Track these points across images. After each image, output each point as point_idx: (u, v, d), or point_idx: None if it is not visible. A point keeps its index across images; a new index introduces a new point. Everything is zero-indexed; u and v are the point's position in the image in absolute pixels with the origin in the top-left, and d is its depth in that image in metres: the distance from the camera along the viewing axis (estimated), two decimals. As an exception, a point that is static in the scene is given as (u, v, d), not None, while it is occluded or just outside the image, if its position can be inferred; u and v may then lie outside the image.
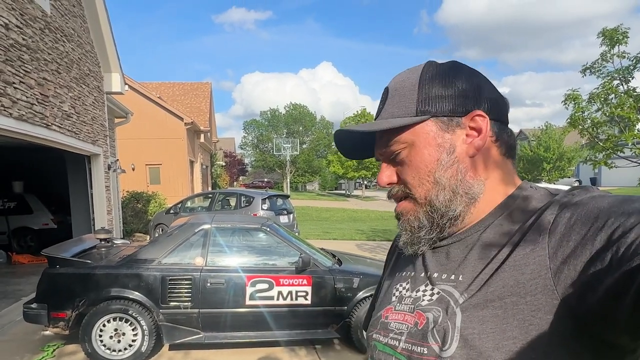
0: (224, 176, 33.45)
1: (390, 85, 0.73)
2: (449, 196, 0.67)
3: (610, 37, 6.96)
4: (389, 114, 0.71)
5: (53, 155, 7.74)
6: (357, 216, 21.96)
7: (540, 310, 0.54)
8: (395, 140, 0.69)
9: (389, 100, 0.72)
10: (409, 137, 0.69)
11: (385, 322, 0.72)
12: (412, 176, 0.69)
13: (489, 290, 0.59)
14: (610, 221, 0.52)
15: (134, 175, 17.40)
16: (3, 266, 8.46)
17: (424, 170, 0.68)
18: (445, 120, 0.68)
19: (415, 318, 0.66)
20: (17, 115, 4.93)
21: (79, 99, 7.07)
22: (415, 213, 0.70)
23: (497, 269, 0.60)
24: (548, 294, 0.54)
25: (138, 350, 3.93)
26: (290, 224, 10.31)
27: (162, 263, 4.12)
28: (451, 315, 0.61)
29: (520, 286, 0.56)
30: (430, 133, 0.68)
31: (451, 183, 0.67)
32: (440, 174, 0.67)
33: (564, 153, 27.28)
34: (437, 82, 0.69)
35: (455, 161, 0.67)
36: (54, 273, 3.99)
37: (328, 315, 4.26)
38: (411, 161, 0.69)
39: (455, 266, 0.66)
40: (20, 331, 4.72)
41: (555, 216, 0.59)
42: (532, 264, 0.57)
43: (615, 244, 0.49)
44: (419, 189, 0.69)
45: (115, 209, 9.16)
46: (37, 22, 5.51)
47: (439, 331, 0.61)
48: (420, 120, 0.68)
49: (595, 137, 7.68)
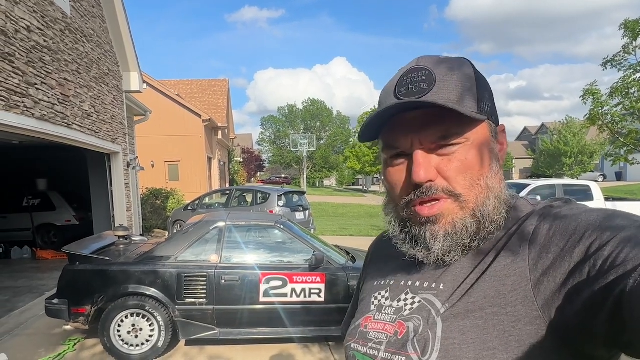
0: (241, 172, 33.75)
1: (430, 66, 0.64)
2: (496, 203, 0.64)
3: (633, 29, 6.74)
4: (446, 99, 0.61)
5: (74, 153, 7.93)
6: (374, 212, 21.87)
7: (520, 321, 0.54)
8: (458, 132, 0.62)
9: (439, 83, 0.62)
10: (471, 132, 0.62)
11: (364, 332, 0.70)
12: (464, 176, 0.62)
13: (470, 300, 0.59)
14: (587, 234, 0.53)
15: (153, 172, 17.73)
16: (28, 261, 8.73)
17: (477, 172, 0.63)
18: (493, 127, 0.67)
19: (396, 327, 0.65)
20: (39, 116, 5.06)
21: (99, 98, 7.22)
22: (461, 216, 0.63)
23: (478, 279, 0.60)
24: (528, 305, 0.54)
25: (155, 345, 4.01)
26: (306, 220, 10.34)
27: (178, 260, 4.19)
28: (432, 325, 0.60)
29: (501, 297, 0.57)
30: (486, 135, 0.65)
31: (498, 191, 0.64)
32: (490, 179, 0.64)
33: (585, 147, 26.61)
34: (485, 84, 0.66)
35: (499, 170, 0.66)
36: (74, 270, 4.10)
37: (342, 313, 4.26)
38: (466, 159, 0.62)
39: (438, 275, 0.65)
40: (43, 325, 4.88)
41: (535, 227, 0.59)
42: (512, 275, 0.57)
43: (592, 257, 0.50)
44: (469, 190, 0.62)
45: (134, 205, 9.35)
46: (57, 24, 5.64)
47: (419, 341, 0.60)
48: (483, 119, 0.63)
49: (615, 133, 7.47)
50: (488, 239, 0.64)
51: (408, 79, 0.64)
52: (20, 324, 4.98)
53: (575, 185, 11.54)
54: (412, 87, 0.63)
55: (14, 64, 4.56)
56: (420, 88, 0.62)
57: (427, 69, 0.63)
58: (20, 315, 5.23)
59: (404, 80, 0.64)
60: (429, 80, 0.62)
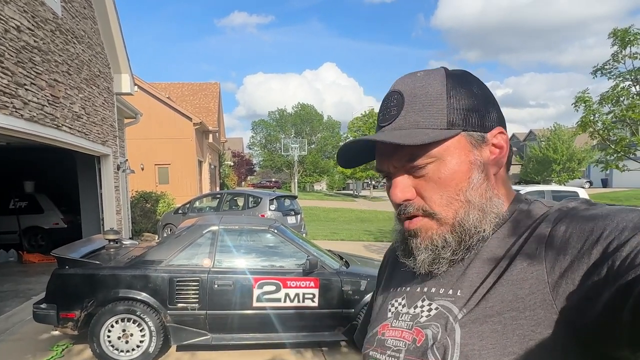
0: (232, 176, 33.60)
1: (402, 89, 0.66)
2: (479, 216, 0.64)
3: (622, 37, 6.87)
4: (412, 123, 0.64)
5: (63, 155, 7.82)
6: (364, 217, 21.91)
7: (540, 325, 0.54)
8: (422, 153, 0.63)
9: (407, 106, 0.65)
10: (438, 151, 0.63)
11: (382, 339, 0.70)
12: (440, 194, 0.64)
13: (488, 305, 0.59)
14: (605, 234, 0.52)
15: (143, 175, 17.56)
16: (14, 265, 8.56)
17: (453, 188, 0.64)
18: (475, 136, 0.65)
19: (414, 335, 0.65)
20: (28, 117, 4.98)
21: (89, 100, 7.14)
22: (439, 232, 0.65)
23: (495, 284, 0.59)
24: (547, 308, 0.54)
25: (146, 351, 3.95)
26: (298, 224, 10.31)
27: (169, 264, 4.13)
28: (450, 331, 0.60)
29: (519, 301, 0.56)
30: (461, 149, 0.64)
31: (481, 202, 0.64)
32: (471, 192, 0.64)
33: (574, 154, 27.00)
34: (463, 93, 0.65)
35: (485, 179, 0.65)
36: (63, 274, 4.03)
37: (335, 318, 4.25)
38: (439, 177, 0.63)
39: (454, 281, 0.65)
40: (30, 330, 4.77)
41: (551, 229, 0.59)
42: (530, 279, 0.57)
43: (610, 258, 0.49)
44: (446, 208, 0.64)
45: (124, 208, 9.24)
46: (48, 24, 5.57)
47: (438, 348, 0.60)
48: (453, 134, 0.63)
49: (606, 140, 7.60)
50: (475, 249, 0.64)
51: (384, 104, 0.68)
52: (6, 329, 4.87)
53: (563, 191, 11.70)
54: (385, 114, 0.67)
55: (3, 64, 4.49)
56: (391, 114, 0.66)
57: (399, 92, 0.66)
58: (6, 320, 5.11)
59: (382, 105, 0.69)
60: (398, 104, 0.65)
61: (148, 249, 4.41)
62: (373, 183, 42.80)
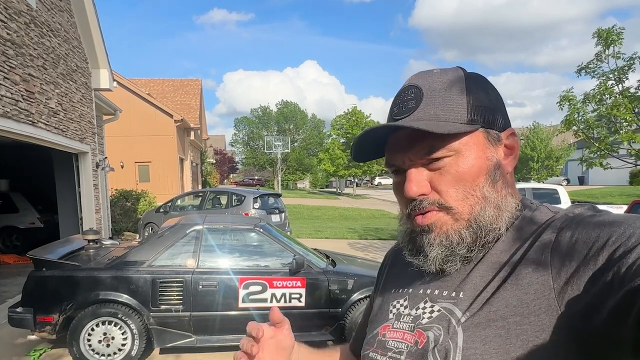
0: (214, 174, 33.26)
1: (420, 83, 0.66)
2: (494, 213, 0.63)
3: (605, 37, 7.03)
4: (432, 115, 0.64)
5: (40, 152, 7.58)
6: (348, 214, 21.94)
7: (544, 330, 0.54)
8: (442, 145, 0.63)
9: (426, 99, 0.65)
10: (457, 144, 0.63)
11: (383, 340, 0.70)
12: (456, 188, 0.63)
13: (492, 309, 0.58)
14: (611, 240, 0.52)
15: (122, 173, 17.19)
16: (-12, 266, 8.27)
17: (470, 182, 0.63)
18: (492, 133, 0.66)
19: (416, 337, 0.64)
20: (2, 112, 4.78)
21: (66, 96, 6.91)
22: (455, 227, 0.64)
23: (499, 288, 0.59)
24: (552, 314, 0.54)
25: (128, 354, 3.83)
26: (282, 223, 10.22)
27: (152, 265, 4.02)
28: (452, 335, 0.60)
29: (524, 306, 0.56)
30: (479, 144, 0.64)
31: (497, 199, 0.64)
32: (487, 189, 0.64)
33: (552, 152, 27.54)
34: (480, 91, 0.66)
35: (500, 177, 0.66)
36: (40, 276, 3.87)
37: (322, 317, 4.20)
38: (457, 171, 0.63)
39: (457, 283, 0.65)
40: (5, 334, 4.59)
41: (557, 235, 0.58)
42: (535, 284, 0.56)
43: (617, 264, 0.49)
44: (462, 202, 0.63)
45: (103, 207, 9.01)
46: (22, 17, 5.35)
47: (440, 351, 0.59)
48: (474, 129, 0.64)
49: (590, 138, 7.75)
50: (489, 247, 0.64)
51: (400, 98, 0.68)
52: (-21, 334, 4.68)
53: (543, 189, 11.94)
54: (402, 107, 0.66)
55: (-26, 57, 4.29)
56: (408, 107, 0.65)
57: (417, 86, 0.66)
58: (-21, 324, 4.91)
59: (397, 99, 0.68)
60: (417, 98, 0.65)
61: (129, 249, 4.28)
62: (356, 181, 42.91)
